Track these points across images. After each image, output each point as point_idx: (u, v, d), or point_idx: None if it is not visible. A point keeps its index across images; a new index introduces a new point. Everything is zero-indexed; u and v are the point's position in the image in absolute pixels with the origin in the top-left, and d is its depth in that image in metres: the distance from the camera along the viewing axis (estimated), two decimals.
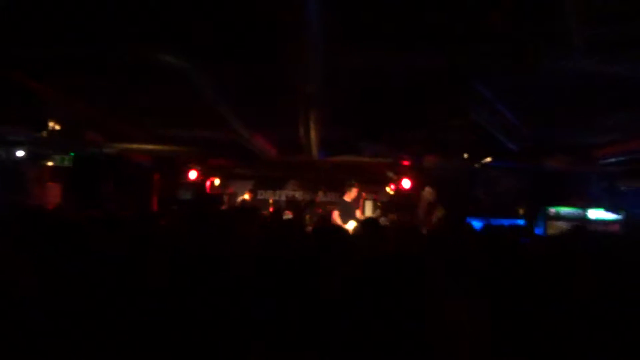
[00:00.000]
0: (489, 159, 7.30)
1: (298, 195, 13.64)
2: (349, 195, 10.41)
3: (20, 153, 8.45)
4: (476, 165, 7.77)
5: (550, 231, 9.07)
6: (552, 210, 10.37)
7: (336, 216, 10.14)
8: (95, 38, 4.12)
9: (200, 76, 4.48)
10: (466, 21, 3.79)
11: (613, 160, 7.49)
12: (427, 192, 10.06)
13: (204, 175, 10.98)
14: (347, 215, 9.72)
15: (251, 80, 5.31)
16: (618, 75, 4.29)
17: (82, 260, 2.77)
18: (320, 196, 13.27)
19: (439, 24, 3.85)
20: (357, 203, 10.86)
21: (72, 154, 8.74)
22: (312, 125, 5.97)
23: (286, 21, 3.23)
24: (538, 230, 9.18)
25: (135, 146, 8.34)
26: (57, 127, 7.23)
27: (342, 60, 4.31)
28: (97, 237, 3.32)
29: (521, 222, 7.74)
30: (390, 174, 10.76)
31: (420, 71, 4.72)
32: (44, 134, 7.17)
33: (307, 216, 11.41)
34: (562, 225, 9.20)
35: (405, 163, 10.39)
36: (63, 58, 4.66)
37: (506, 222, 6.80)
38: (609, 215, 10.12)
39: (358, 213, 10.64)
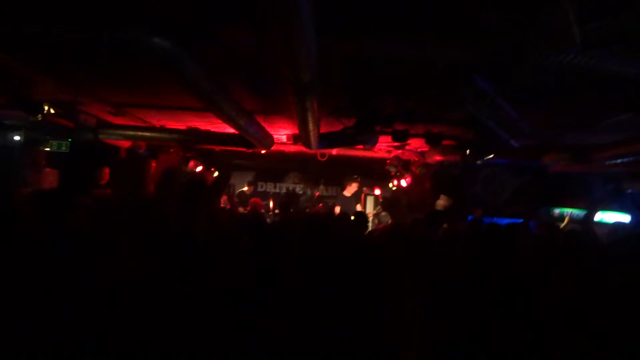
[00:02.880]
0: (490, 156, 7.13)
1: (298, 188, 13.52)
2: (349, 190, 10.30)
3: (16, 138, 8.38)
4: (478, 162, 7.61)
5: None
6: (556, 211, 10.21)
7: (337, 210, 10.04)
8: (85, 20, 3.99)
9: (193, 64, 4.34)
10: (464, 13, 3.64)
11: (618, 161, 7.30)
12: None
13: (203, 165, 10.88)
14: (345, 209, 9.61)
15: (247, 69, 5.19)
16: (620, 73, 4.13)
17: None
18: (321, 190, 13.13)
19: (437, 13, 3.70)
20: (357, 198, 10.74)
21: (70, 139, 8.66)
22: (309, 117, 5.83)
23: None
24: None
25: (131, 133, 8.24)
26: (52, 111, 7.14)
27: (339, 49, 4.18)
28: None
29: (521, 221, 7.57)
30: (392, 169, 10.61)
31: (419, 63, 4.58)
32: (39, 117, 7.07)
33: (307, 211, 11.31)
34: (567, 227, 9.03)
35: (408, 158, 10.27)
36: (53, 41, 4.54)
37: (505, 221, 6.66)
38: (614, 218, 9.93)
39: (359, 208, 10.52)
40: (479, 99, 5.22)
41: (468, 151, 7.16)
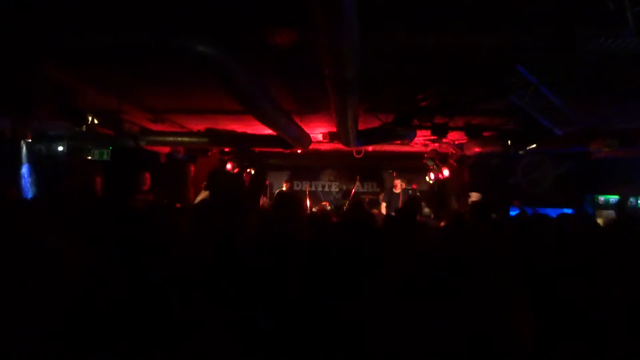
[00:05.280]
0: (533, 145, 6.97)
1: (334, 186, 13.50)
2: (397, 187, 10.38)
3: (60, 148, 8.57)
4: (520, 152, 7.45)
5: (599, 220, 8.70)
6: (602, 198, 9.96)
7: (383, 208, 10.10)
8: (128, 28, 4.04)
9: (238, 70, 4.35)
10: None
11: None
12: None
13: (240, 167, 10.96)
14: (394, 206, 9.63)
15: (286, 70, 5.19)
16: None
17: None
18: (357, 186, 13.09)
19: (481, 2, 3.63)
20: (404, 194, 10.71)
21: (111, 147, 8.83)
22: (349, 114, 5.80)
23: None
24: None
25: (170, 139, 8.37)
26: (96, 121, 7.27)
27: (380, 42, 4.13)
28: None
29: (569, 210, 7.41)
30: (430, 162, 10.50)
31: (461, 53, 4.50)
32: (84, 128, 7.22)
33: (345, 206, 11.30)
34: (612, 214, 8.79)
35: (446, 151, 10.14)
36: (96, 50, 4.62)
37: (552, 211, 6.52)
38: None
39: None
40: (522, 88, 5.12)
41: (510, 142, 7.02)
